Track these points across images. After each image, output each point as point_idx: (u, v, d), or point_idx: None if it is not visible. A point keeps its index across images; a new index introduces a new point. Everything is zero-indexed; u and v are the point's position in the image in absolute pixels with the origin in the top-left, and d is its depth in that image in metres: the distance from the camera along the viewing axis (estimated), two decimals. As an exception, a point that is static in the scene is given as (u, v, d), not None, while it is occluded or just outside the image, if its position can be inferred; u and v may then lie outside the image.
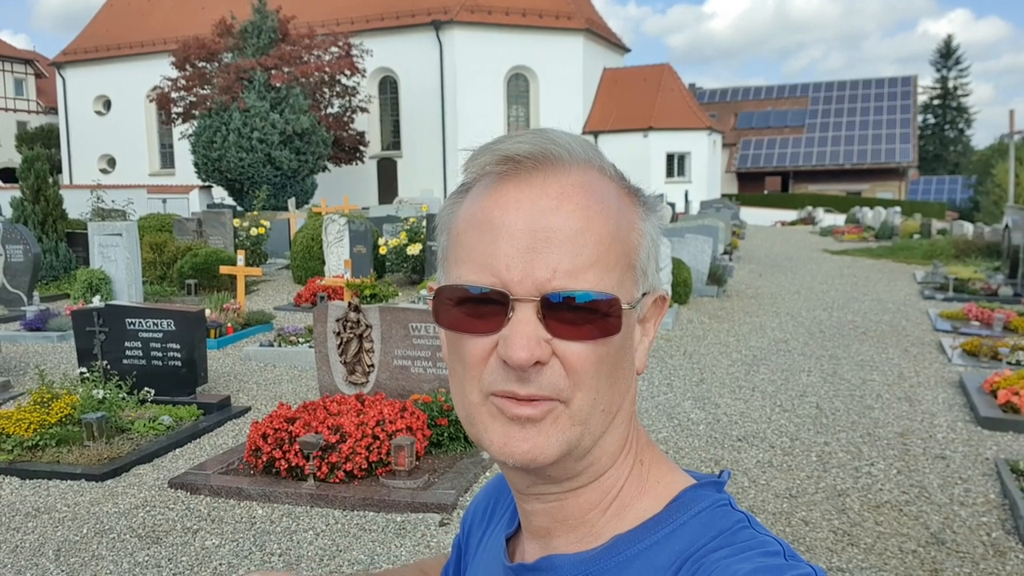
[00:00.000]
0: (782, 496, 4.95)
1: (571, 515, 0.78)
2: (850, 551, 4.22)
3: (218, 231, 15.08)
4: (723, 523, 0.73)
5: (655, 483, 0.79)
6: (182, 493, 5.03)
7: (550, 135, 0.73)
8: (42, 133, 41.87)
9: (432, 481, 4.99)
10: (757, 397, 7.17)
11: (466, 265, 0.72)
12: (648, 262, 0.76)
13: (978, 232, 19.94)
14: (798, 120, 46.92)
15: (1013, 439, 5.92)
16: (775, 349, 9.11)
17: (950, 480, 5.17)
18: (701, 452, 5.76)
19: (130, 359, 6.85)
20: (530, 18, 32.91)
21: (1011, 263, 14.34)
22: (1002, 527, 4.45)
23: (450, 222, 0.77)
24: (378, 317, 6.34)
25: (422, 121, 33.29)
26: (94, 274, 10.67)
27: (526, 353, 0.67)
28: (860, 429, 6.24)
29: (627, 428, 0.78)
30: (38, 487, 5.19)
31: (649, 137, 33.92)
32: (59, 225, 14.07)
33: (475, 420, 0.74)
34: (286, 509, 4.76)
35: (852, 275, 15.94)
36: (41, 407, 5.87)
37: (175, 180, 34.49)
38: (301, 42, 26.74)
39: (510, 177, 0.72)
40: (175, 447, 5.89)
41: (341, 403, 5.58)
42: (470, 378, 0.73)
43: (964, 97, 61.02)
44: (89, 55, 38.08)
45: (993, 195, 40.16)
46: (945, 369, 8.07)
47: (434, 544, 4.31)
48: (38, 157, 14.25)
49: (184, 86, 27.48)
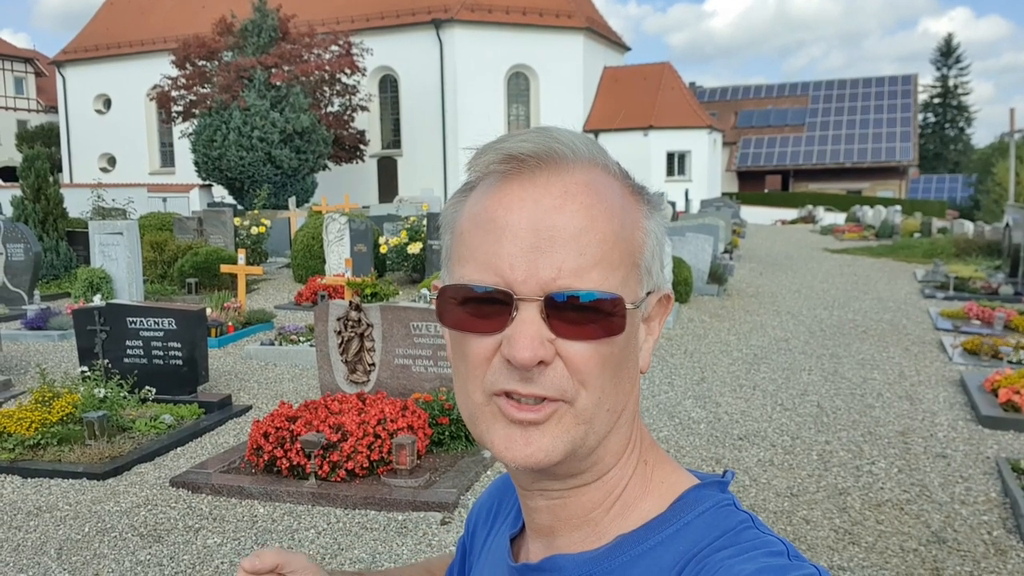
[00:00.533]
0: (783, 495, 4.95)
1: (575, 513, 0.78)
2: (851, 550, 4.22)
3: (219, 230, 15.08)
4: (727, 523, 0.73)
5: (659, 483, 0.79)
6: (183, 492, 5.04)
7: (554, 133, 0.73)
8: (42, 132, 41.88)
9: (433, 480, 4.99)
10: (758, 396, 7.17)
11: (470, 264, 0.72)
12: (652, 261, 0.76)
13: (979, 231, 19.95)
14: (798, 119, 46.91)
15: (1014, 438, 5.92)
16: (776, 348, 9.11)
17: (951, 479, 5.17)
18: (702, 451, 5.77)
19: (131, 358, 6.86)
20: (530, 17, 32.90)
21: (1012, 262, 14.34)
22: (1003, 526, 4.46)
23: (454, 221, 0.76)
24: (379, 316, 6.34)
25: (422, 120, 33.28)
26: (95, 273, 10.67)
27: (529, 353, 0.67)
28: (861, 428, 6.24)
29: (631, 428, 0.78)
30: (40, 486, 5.19)
31: (649, 136, 33.91)
32: (60, 224, 14.07)
33: (478, 420, 0.74)
34: (287, 508, 4.77)
35: (853, 274, 15.93)
36: (42, 406, 5.87)
37: (175, 179, 34.48)
38: (301, 41, 26.74)
39: (514, 176, 0.72)
40: (176, 446, 5.89)
41: (342, 402, 5.58)
42: (473, 377, 0.73)
43: (964, 96, 60.99)
44: (89, 54, 38.07)
45: (994, 194, 40.13)
46: (946, 368, 8.07)
47: (436, 543, 4.31)
48: (39, 156, 14.26)
49: (184, 85, 27.49)
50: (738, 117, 48.40)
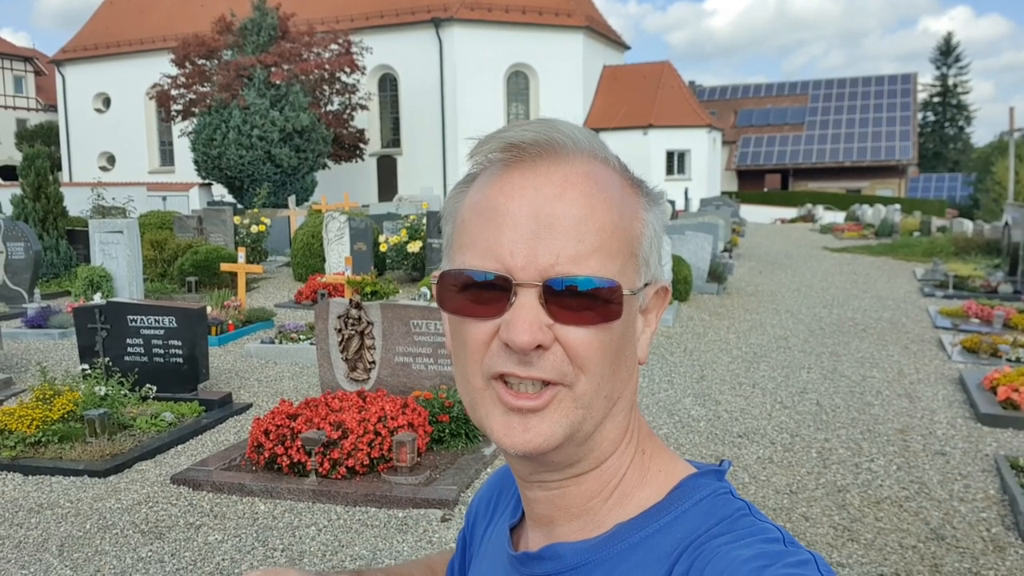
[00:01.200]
0: (782, 492, 4.97)
1: (573, 503, 0.79)
2: (850, 546, 4.23)
3: (218, 228, 15.09)
4: (724, 511, 0.74)
5: (656, 471, 0.80)
6: (184, 489, 5.05)
7: (555, 124, 0.74)
8: (42, 131, 41.89)
9: (434, 477, 5.00)
10: (757, 394, 7.19)
11: (470, 252, 0.73)
12: (651, 252, 0.77)
13: (978, 229, 19.95)
14: (798, 118, 46.91)
15: (1013, 435, 5.93)
16: (775, 346, 9.13)
17: (950, 476, 5.18)
18: (702, 448, 5.78)
19: (132, 356, 6.87)
20: (530, 15, 32.89)
21: (1011, 260, 14.35)
22: (1002, 523, 4.47)
23: (455, 211, 0.77)
24: (379, 314, 6.35)
25: (422, 119, 33.27)
26: (95, 271, 10.68)
27: (528, 336, 0.68)
28: (860, 425, 6.25)
29: (628, 416, 0.79)
30: (41, 483, 5.20)
31: (649, 134, 33.92)
32: (60, 222, 14.08)
33: (477, 405, 0.75)
34: (288, 505, 4.78)
35: (852, 272, 15.94)
36: (43, 404, 5.89)
37: (175, 178, 34.50)
38: (301, 39, 26.74)
39: (515, 165, 0.73)
40: (177, 443, 5.90)
41: (343, 400, 5.59)
42: (472, 362, 0.74)
43: (964, 95, 60.96)
44: (89, 52, 38.07)
45: (993, 192, 40.13)
46: (945, 366, 8.08)
47: (436, 540, 4.32)
48: (39, 155, 14.27)
49: (184, 83, 27.49)
50: (738, 116, 48.40)
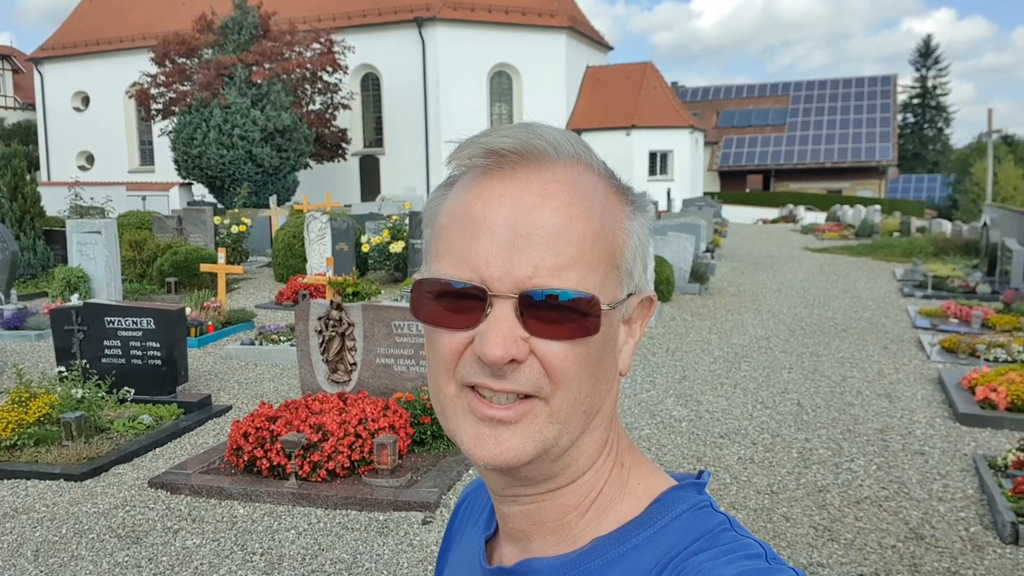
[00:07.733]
0: (763, 492, 4.98)
1: (549, 517, 0.77)
2: (830, 546, 4.25)
3: (199, 229, 14.97)
4: (704, 525, 0.72)
5: (635, 485, 0.78)
6: (162, 493, 4.99)
7: (537, 130, 0.71)
8: (19, 129, 41.38)
9: (415, 479, 4.98)
10: (739, 394, 7.21)
11: (446, 259, 0.71)
12: (634, 262, 0.74)
13: (957, 230, 20.16)
14: (779, 119, 47.18)
15: (991, 435, 5.98)
16: (757, 346, 9.16)
17: (929, 476, 5.22)
18: (683, 449, 5.79)
19: (109, 358, 6.79)
20: (513, 15, 32.90)
21: (989, 260, 14.51)
22: (980, 522, 4.50)
23: (434, 215, 0.75)
24: (360, 315, 6.32)
25: (405, 118, 33.20)
26: (73, 272, 10.56)
27: (501, 351, 0.66)
28: (840, 426, 6.28)
29: (607, 430, 0.77)
30: (16, 487, 5.13)
31: (632, 135, 34.01)
32: (37, 223, 13.91)
33: (448, 414, 0.73)
34: (268, 508, 4.74)
35: (833, 273, 16.05)
36: (19, 406, 5.81)
37: (155, 177, 34.22)
38: (282, 38, 26.60)
39: (494, 172, 0.71)
40: (155, 446, 5.83)
41: (323, 402, 5.55)
42: (444, 371, 0.72)
43: (943, 96, 61.63)
44: (67, 51, 37.68)
45: (972, 193, 40.52)
46: (924, 366, 8.14)
47: (417, 543, 4.30)
48: (15, 154, 14.10)
49: (164, 82, 27.26)
50: (720, 117, 48.61)
